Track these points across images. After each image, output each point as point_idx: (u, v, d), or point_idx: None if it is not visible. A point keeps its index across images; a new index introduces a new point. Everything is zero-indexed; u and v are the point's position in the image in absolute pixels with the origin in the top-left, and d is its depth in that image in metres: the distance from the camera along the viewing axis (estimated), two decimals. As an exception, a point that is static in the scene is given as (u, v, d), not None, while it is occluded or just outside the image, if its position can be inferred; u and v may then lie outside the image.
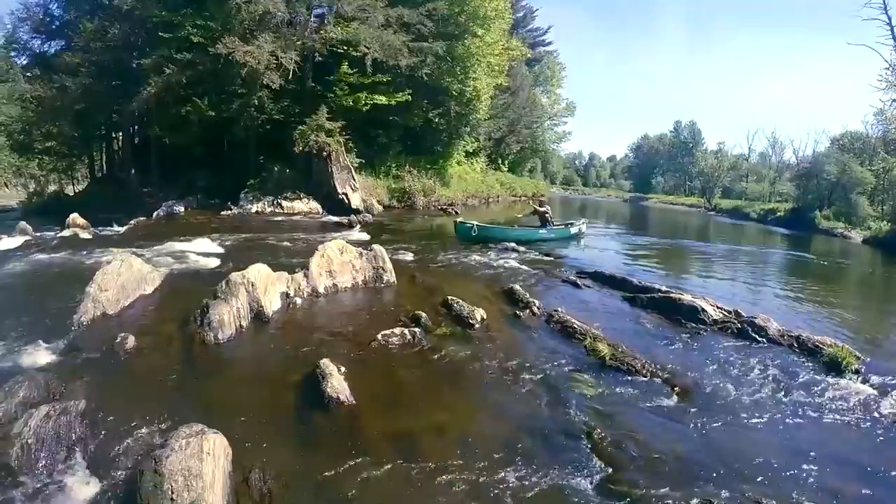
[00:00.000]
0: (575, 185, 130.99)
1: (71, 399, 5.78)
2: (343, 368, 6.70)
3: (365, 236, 18.90)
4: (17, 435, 5.08)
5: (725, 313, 9.88)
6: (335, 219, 23.62)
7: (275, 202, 26.48)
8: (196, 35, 25.70)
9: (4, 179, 60.68)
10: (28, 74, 37.35)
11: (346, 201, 26.53)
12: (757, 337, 8.94)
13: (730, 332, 9.21)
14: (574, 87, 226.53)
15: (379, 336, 7.92)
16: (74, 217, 21.59)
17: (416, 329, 8.32)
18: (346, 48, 27.71)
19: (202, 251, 14.50)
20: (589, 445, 5.55)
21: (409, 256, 14.64)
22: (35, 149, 37.07)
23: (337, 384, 6.23)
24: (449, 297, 9.66)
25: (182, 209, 25.89)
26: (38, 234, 19.65)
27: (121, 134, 35.08)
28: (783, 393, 7.14)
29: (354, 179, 27.76)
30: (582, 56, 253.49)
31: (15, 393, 5.88)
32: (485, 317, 9.09)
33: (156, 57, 26.01)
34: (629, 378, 7.22)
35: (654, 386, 7.05)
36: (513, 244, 17.40)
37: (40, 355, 7.29)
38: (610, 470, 5.17)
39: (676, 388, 6.95)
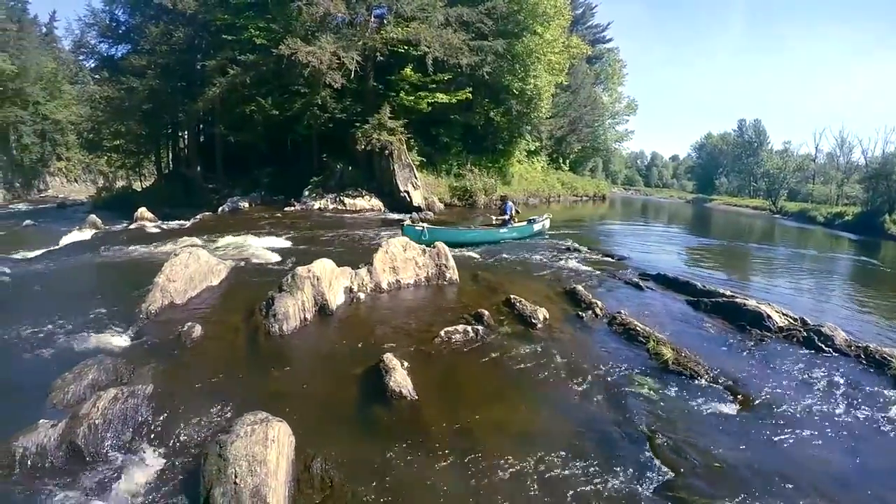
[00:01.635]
0: (636, 185, 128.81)
1: (138, 383, 5.91)
2: (406, 363, 6.65)
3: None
4: (85, 415, 5.20)
5: (791, 320, 9.45)
6: (397, 216, 23.63)
7: (337, 199, 26.68)
8: (259, 37, 26.21)
9: (75, 175, 62.98)
10: (96, 76, 38.84)
11: (408, 199, 26.56)
12: (823, 346, 8.46)
13: (795, 340, 8.75)
14: (635, 85, 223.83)
15: (442, 332, 7.84)
16: (142, 211, 22.27)
17: (479, 327, 8.20)
18: (406, 48, 27.76)
19: (266, 245, 14.68)
20: (649, 449, 5.41)
21: (471, 254, 14.51)
22: (104, 146, 38.51)
23: (400, 378, 6.20)
24: (511, 296, 9.49)
25: (246, 205, 26.43)
26: (107, 226, 20.34)
27: (186, 132, 36.04)
28: (848, 406, 6.74)
29: (416, 177, 27.77)
30: (643, 52, 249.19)
31: (84, 375, 6.08)
32: (547, 316, 8.89)
33: (220, 58, 26.77)
34: (691, 383, 6.97)
35: (717, 392, 6.78)
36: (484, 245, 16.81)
37: (110, 341, 7.52)
38: (671, 475, 5.04)
39: (739, 396, 6.67)
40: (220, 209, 25.25)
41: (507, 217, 19.59)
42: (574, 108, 51.03)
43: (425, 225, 16.81)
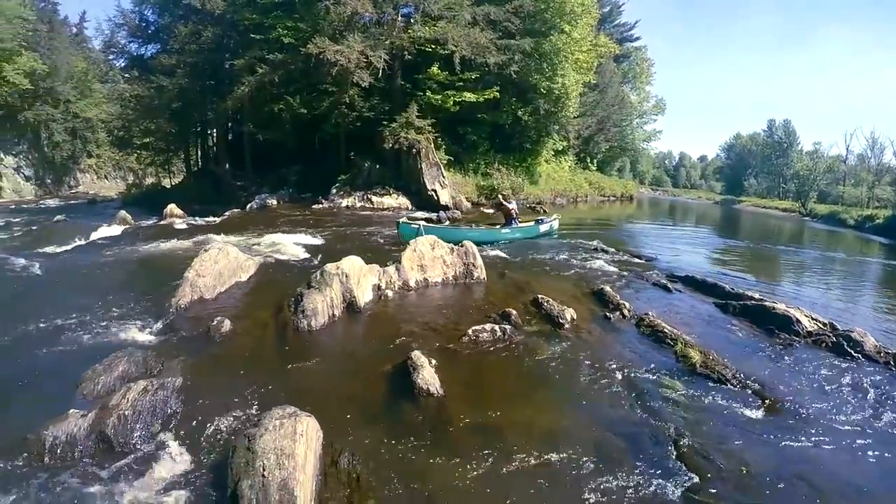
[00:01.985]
0: (664, 185, 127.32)
1: (168, 376, 5.98)
2: (433, 361, 6.63)
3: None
4: (115, 406, 5.28)
5: (820, 325, 9.20)
6: (424, 214, 23.40)
7: (364, 197, 26.73)
8: (287, 36, 26.46)
9: (105, 172, 64.03)
10: (126, 75, 39.48)
11: (436, 197, 26.46)
12: (852, 352, 8.21)
13: (824, 345, 8.51)
14: (663, 84, 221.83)
15: (469, 331, 7.79)
16: (171, 207, 22.58)
17: (507, 326, 8.14)
18: (434, 47, 27.75)
19: (294, 242, 14.77)
20: (675, 452, 5.33)
21: (499, 253, 14.42)
22: (134, 144, 39.23)
23: (428, 376, 6.19)
24: (539, 296, 9.42)
25: (274, 202, 26.67)
26: (137, 222, 20.63)
27: (215, 130, 36.47)
28: (877, 413, 6.53)
29: (444, 176, 27.72)
30: (671, 51, 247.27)
31: (115, 367, 6.19)
32: (574, 317, 8.80)
33: (248, 58, 27.00)
34: (719, 387, 6.82)
35: (744, 397, 6.63)
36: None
37: (139, 334, 7.66)
38: (696, 479, 4.95)
39: (766, 401, 6.51)
40: (249, 206, 25.57)
41: (512, 214, 19.04)
42: (602, 107, 50.50)
43: (422, 223, 16.10)
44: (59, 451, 4.88)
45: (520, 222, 19.17)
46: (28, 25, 45.06)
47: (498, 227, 18.73)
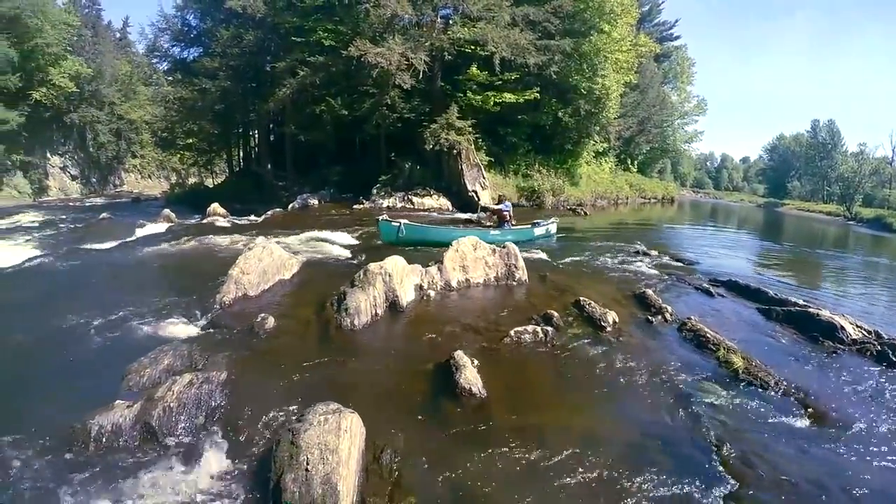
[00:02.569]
0: (706, 187, 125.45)
1: (213, 370, 6.04)
2: (476, 361, 6.58)
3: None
4: (160, 398, 5.37)
5: (865, 333, 8.89)
6: (464, 216, 23.35)
7: (405, 198, 26.85)
8: (327, 39, 26.80)
9: (148, 172, 65.58)
10: (170, 78, 40.48)
11: (476, 198, 26.41)
12: None
13: (868, 353, 8.22)
14: (705, 84, 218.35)
15: (511, 332, 7.72)
16: (214, 206, 22.98)
17: (548, 328, 8.03)
18: (473, 48, 27.70)
19: (337, 241, 14.92)
20: (717, 459, 5.23)
21: (540, 255, 14.30)
22: (177, 145, 40.25)
23: (470, 376, 6.14)
24: (581, 298, 9.26)
25: (315, 202, 27.00)
26: (181, 220, 21.03)
27: (257, 131, 37.10)
28: None
29: (484, 177, 27.75)
30: (712, 50, 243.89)
31: (160, 360, 6.31)
32: (616, 320, 8.65)
33: (289, 60, 27.41)
34: (761, 394, 6.64)
35: (787, 405, 6.44)
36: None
37: (184, 328, 7.79)
38: (736, 486, 4.86)
39: (809, 410, 6.31)
40: (290, 206, 25.91)
41: (505, 216, 17.96)
42: (643, 107, 49.88)
43: (403, 221, 15.13)
44: (104, 439, 4.99)
45: (513, 225, 18.19)
46: (73, 31, 46.73)
47: (488, 228, 17.71)
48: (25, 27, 40.91)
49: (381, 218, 15.19)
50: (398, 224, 14.74)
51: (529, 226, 18.67)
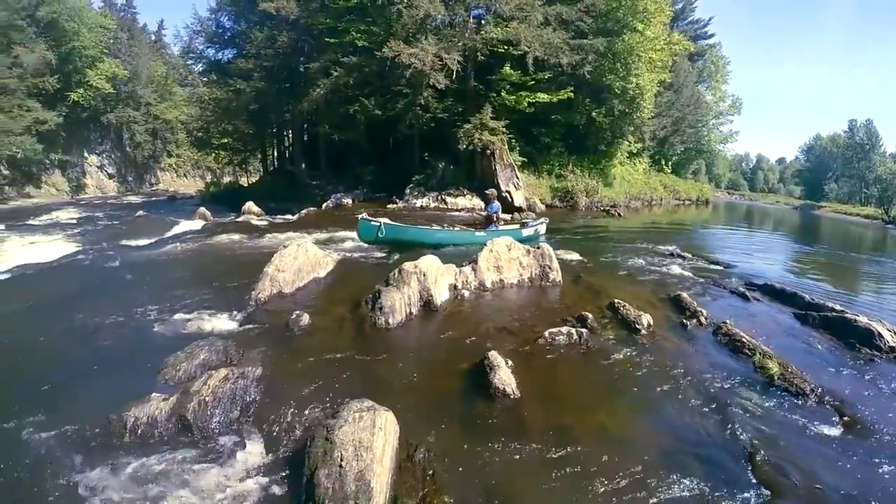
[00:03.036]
0: (741, 189, 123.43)
1: (248, 366, 6.13)
2: (510, 362, 6.57)
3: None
4: (196, 392, 5.45)
5: None
6: (504, 216, 23.25)
7: (439, 197, 26.83)
8: (360, 39, 26.91)
9: (184, 171, 66.77)
10: (205, 79, 41.21)
11: (510, 199, 26.28)
12: None
13: None
14: (740, 83, 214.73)
15: (546, 333, 7.66)
16: (249, 205, 23.33)
17: (583, 329, 7.94)
18: (506, 48, 27.57)
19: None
20: (750, 466, 5.14)
21: (574, 256, 14.18)
22: (212, 144, 40.95)
23: (504, 376, 6.13)
24: (615, 300, 9.18)
25: (349, 201, 27.16)
26: (216, 218, 21.32)
27: (291, 131, 37.44)
28: None
29: (518, 178, 27.61)
30: (747, 48, 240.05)
31: (196, 355, 6.39)
32: (651, 323, 8.53)
33: (323, 61, 27.59)
34: (796, 401, 6.49)
35: (823, 413, 6.29)
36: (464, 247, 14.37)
37: (220, 324, 7.89)
38: (769, 495, 4.77)
39: (845, 418, 6.15)
40: (324, 205, 26.18)
41: (492, 214, 17.33)
42: (677, 107, 49.13)
43: (383, 220, 14.48)
44: (139, 431, 5.09)
45: (501, 225, 17.48)
46: (109, 33, 47.98)
47: (473, 229, 17.34)
48: (63, 31, 42.17)
49: (360, 216, 14.67)
50: (378, 223, 14.21)
51: (518, 226, 18.10)
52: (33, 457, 4.74)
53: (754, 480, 4.91)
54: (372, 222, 14.20)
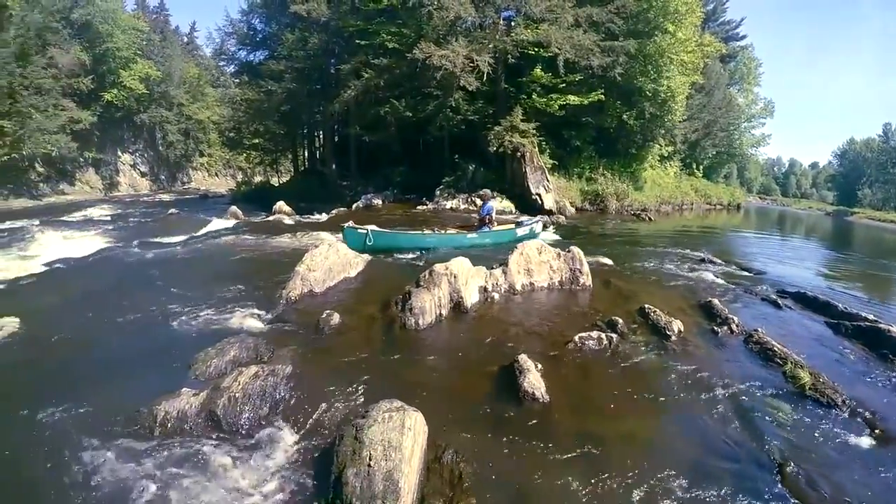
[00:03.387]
0: (773, 194, 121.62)
1: (278, 363, 6.15)
2: (539, 365, 6.54)
3: (557, 237, 18.84)
4: (226, 388, 5.52)
5: None
6: (528, 218, 23.22)
7: (468, 199, 26.81)
8: (391, 41, 27.16)
9: (216, 170, 67.73)
10: (237, 80, 41.82)
11: (540, 202, 26.26)
12: None
13: None
14: (772, 85, 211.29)
15: (575, 337, 7.61)
16: (280, 204, 23.62)
17: (613, 334, 7.88)
18: (537, 49, 27.53)
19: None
20: (779, 477, 5.04)
21: (604, 260, 14.00)
22: (244, 144, 41.49)
23: (534, 380, 6.10)
24: (646, 306, 9.07)
25: (379, 202, 27.33)
26: (247, 217, 21.58)
27: (322, 132, 37.84)
28: None
29: (548, 180, 27.52)
30: (780, 50, 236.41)
31: (227, 352, 6.46)
32: (681, 329, 8.41)
33: (353, 63, 27.89)
34: (828, 412, 6.34)
35: (855, 425, 6.14)
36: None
37: (251, 322, 7.95)
38: None
39: (877, 431, 5.99)
40: (354, 205, 26.45)
41: (485, 216, 16.55)
42: (708, 110, 48.39)
43: (370, 228, 13.88)
44: (169, 425, 5.16)
45: (495, 226, 16.75)
46: (142, 35, 49.02)
47: (465, 231, 16.43)
48: (97, 32, 43.22)
49: (345, 225, 13.78)
50: (365, 231, 13.53)
51: (512, 226, 17.36)
52: (63, 447, 4.83)
53: (784, 492, 4.84)
54: (358, 230, 13.51)
